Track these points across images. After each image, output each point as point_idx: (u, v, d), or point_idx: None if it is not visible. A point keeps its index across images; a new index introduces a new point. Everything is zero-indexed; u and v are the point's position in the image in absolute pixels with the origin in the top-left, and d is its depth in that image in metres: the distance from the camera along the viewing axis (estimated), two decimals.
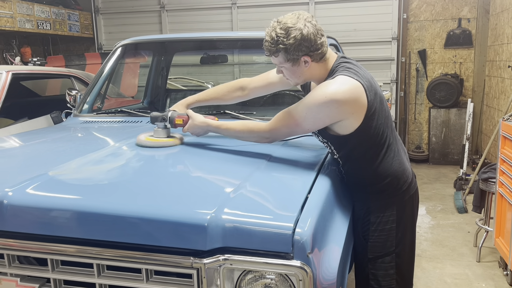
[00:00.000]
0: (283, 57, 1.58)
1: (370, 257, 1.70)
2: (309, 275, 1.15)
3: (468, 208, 4.32)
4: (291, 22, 1.55)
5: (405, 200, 1.72)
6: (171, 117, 1.90)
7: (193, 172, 1.65)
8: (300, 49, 1.55)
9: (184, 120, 1.89)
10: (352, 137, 1.59)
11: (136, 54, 3.62)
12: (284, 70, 1.65)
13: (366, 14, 6.08)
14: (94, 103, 2.75)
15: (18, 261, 1.35)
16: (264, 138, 1.73)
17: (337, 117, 1.56)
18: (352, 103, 1.53)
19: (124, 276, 1.27)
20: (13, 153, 2.00)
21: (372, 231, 1.68)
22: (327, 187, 1.52)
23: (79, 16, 7.12)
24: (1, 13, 5.57)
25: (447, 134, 6.28)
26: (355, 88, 1.54)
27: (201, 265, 1.18)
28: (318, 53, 1.59)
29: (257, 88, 2.03)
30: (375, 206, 1.68)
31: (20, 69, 4.06)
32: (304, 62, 1.59)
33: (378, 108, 1.60)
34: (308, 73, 1.64)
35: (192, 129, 1.89)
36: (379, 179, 1.66)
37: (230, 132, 1.81)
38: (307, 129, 1.62)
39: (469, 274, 3.15)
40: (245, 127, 1.77)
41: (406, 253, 1.77)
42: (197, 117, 1.88)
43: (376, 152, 1.63)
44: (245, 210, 1.26)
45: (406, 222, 1.74)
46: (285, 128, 1.65)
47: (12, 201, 1.31)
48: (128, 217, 1.24)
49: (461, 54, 6.38)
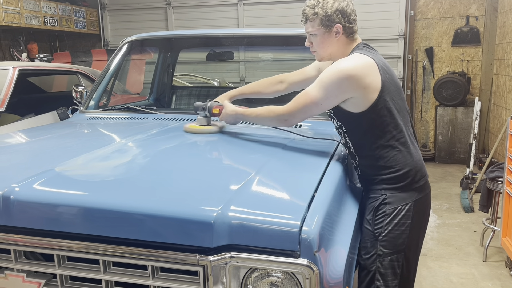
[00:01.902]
0: (319, 21, 1.69)
1: (379, 254, 1.64)
2: (316, 273, 1.14)
3: (474, 207, 4.30)
4: None
5: (422, 197, 1.69)
6: (210, 106, 2.05)
7: (199, 169, 1.64)
8: (336, 16, 1.68)
9: (220, 110, 2.04)
10: (365, 116, 1.62)
11: (142, 51, 3.62)
12: (315, 38, 1.74)
13: (373, 12, 6.04)
14: (100, 99, 2.75)
15: (24, 256, 1.35)
16: (283, 120, 1.78)
17: (348, 90, 1.60)
18: (363, 78, 1.58)
19: (130, 273, 1.27)
20: (19, 149, 2.00)
21: (387, 224, 1.63)
22: (334, 185, 1.50)
23: (85, 13, 7.14)
24: (8, 9, 5.59)
25: (454, 132, 6.24)
26: (367, 63, 1.61)
27: (207, 262, 1.17)
28: (350, 27, 1.71)
29: (295, 82, 2.11)
30: (392, 197, 1.64)
31: (26, 65, 4.07)
32: (335, 32, 1.70)
33: (393, 94, 1.63)
34: (335, 46, 1.73)
35: (225, 117, 2.01)
36: (398, 167, 1.64)
37: (254, 118, 1.90)
38: (321, 105, 1.66)
39: (475, 273, 3.13)
40: (266, 111, 1.83)
41: (414, 256, 1.72)
42: (229, 106, 2.01)
43: (394, 137, 1.63)
44: (251, 207, 1.25)
45: (421, 221, 1.71)
46: (302, 107, 1.70)
47: (19, 197, 1.31)
48: (135, 213, 1.24)
49: (469, 52, 6.33)
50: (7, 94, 3.42)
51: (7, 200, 1.30)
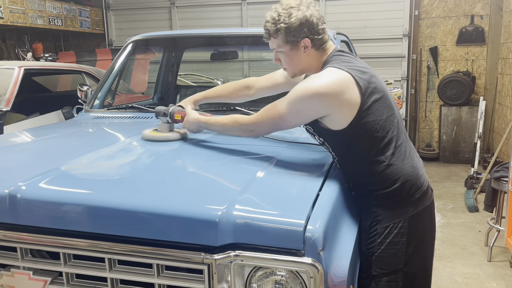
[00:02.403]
0: (283, 39, 1.53)
1: (374, 274, 1.51)
2: (320, 272, 1.15)
3: (479, 207, 4.28)
4: (295, 3, 1.53)
5: (418, 212, 1.53)
6: (171, 112, 1.94)
7: (204, 168, 1.64)
8: (301, 30, 1.51)
9: (182, 116, 1.92)
10: (346, 133, 1.48)
11: (147, 50, 3.64)
12: (282, 55, 1.59)
13: (377, 11, 6.03)
14: (105, 98, 2.77)
15: (30, 254, 1.36)
16: (249, 131, 1.66)
17: (321, 110, 1.47)
18: (337, 96, 1.43)
19: (136, 271, 1.28)
20: (25, 148, 2.02)
21: (379, 244, 1.50)
22: (338, 185, 1.51)
23: (90, 12, 7.16)
24: (14, 9, 5.62)
25: (458, 132, 6.21)
26: (342, 79, 1.45)
27: (212, 260, 1.18)
28: (319, 39, 1.54)
29: (263, 88, 2.00)
30: (383, 214, 1.51)
31: (32, 64, 4.10)
32: (303, 47, 1.54)
33: (379, 104, 1.48)
34: (306, 62, 1.58)
35: (187, 125, 1.89)
36: (388, 183, 1.50)
37: (218, 127, 1.79)
38: (290, 122, 1.55)
39: (480, 273, 3.12)
40: (231, 120, 1.71)
41: (418, 274, 1.58)
42: (191, 114, 1.88)
43: (380, 151, 1.49)
44: (256, 206, 1.25)
45: (420, 237, 1.55)
46: (269, 121, 1.58)
47: (25, 195, 1.32)
48: (140, 212, 1.25)
49: (474, 51, 6.30)
50: (13, 94, 3.44)
51: (13, 199, 1.31)
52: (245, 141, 1.84)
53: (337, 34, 2.63)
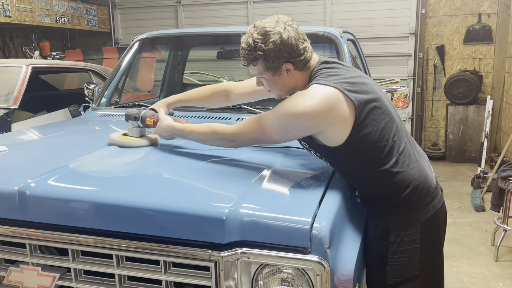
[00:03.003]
0: (263, 66, 1.45)
1: (389, 284, 1.47)
2: (327, 270, 1.15)
3: (486, 206, 4.26)
4: (270, 26, 1.42)
5: (431, 215, 1.48)
6: (143, 116, 1.82)
7: (208, 169, 1.63)
8: (280, 55, 1.42)
9: (155, 121, 1.81)
10: (344, 148, 1.39)
11: (153, 49, 3.65)
12: (265, 81, 1.51)
13: (384, 9, 6.01)
14: (111, 97, 2.78)
15: (39, 250, 1.38)
16: (229, 142, 1.57)
17: (309, 130, 1.40)
18: (325, 114, 1.35)
19: (143, 268, 1.29)
20: (33, 145, 2.03)
21: (392, 253, 1.45)
22: (344, 185, 1.51)
23: (96, 11, 7.19)
24: (21, 7, 5.66)
25: (465, 131, 6.18)
26: (330, 97, 1.36)
27: (219, 258, 1.19)
28: (301, 60, 1.45)
29: (241, 95, 1.90)
30: (394, 223, 1.45)
31: (39, 63, 4.13)
32: (286, 70, 1.45)
33: (375, 113, 1.40)
34: (292, 83, 1.49)
35: (159, 131, 1.77)
36: (396, 192, 1.43)
37: (194, 135, 1.67)
38: (274, 139, 1.47)
39: (486, 273, 3.11)
40: (210, 129, 1.61)
41: (433, 277, 1.54)
42: (164, 120, 1.76)
43: (383, 161, 1.40)
44: (263, 204, 1.26)
45: (433, 241, 1.51)
46: (252, 135, 1.50)
47: (34, 192, 1.33)
48: (147, 209, 1.26)
49: (481, 50, 6.26)
50: (21, 92, 3.47)
51: (22, 196, 1.33)
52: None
53: (343, 32, 2.63)
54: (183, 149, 1.84)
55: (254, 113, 2.33)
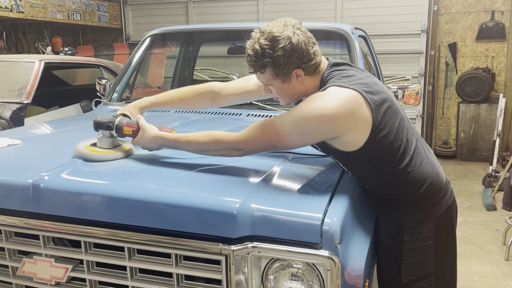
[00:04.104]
0: (271, 73, 1.36)
1: (404, 282, 1.46)
2: (337, 265, 1.15)
3: (497, 205, 4.22)
4: (277, 30, 1.33)
5: (443, 212, 1.47)
6: (119, 125, 1.58)
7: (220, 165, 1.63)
8: (291, 62, 1.34)
9: (134, 130, 1.58)
10: (362, 152, 1.35)
11: (164, 45, 3.66)
12: (273, 88, 1.43)
13: (395, 6, 5.96)
14: (123, 92, 2.80)
15: (53, 242, 1.40)
16: (235, 151, 1.44)
17: (330, 133, 1.34)
18: (348, 117, 1.30)
19: (154, 260, 1.30)
20: (47, 139, 2.06)
21: (407, 251, 1.44)
22: (354, 182, 1.50)
23: (108, 7, 7.24)
24: (34, 3, 5.71)
25: (477, 129, 6.12)
26: (351, 99, 1.31)
27: (229, 251, 1.19)
28: (311, 65, 1.38)
29: (231, 96, 1.75)
30: (408, 221, 1.44)
31: (51, 58, 4.16)
32: (296, 76, 1.38)
33: (389, 113, 1.37)
34: (302, 89, 1.43)
35: (143, 142, 1.57)
36: (411, 190, 1.42)
37: (192, 146, 1.50)
38: (291, 145, 1.38)
39: (496, 272, 3.08)
40: (212, 138, 1.45)
41: (447, 274, 1.53)
42: (150, 130, 1.55)
43: (399, 161, 1.39)
44: (273, 199, 1.27)
45: (447, 237, 1.51)
46: (264, 141, 1.39)
47: (48, 185, 1.35)
48: (159, 203, 1.27)
49: (494, 47, 6.19)
50: (33, 87, 3.51)
51: (37, 188, 1.35)
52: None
53: (355, 29, 2.61)
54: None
55: (264, 109, 2.33)
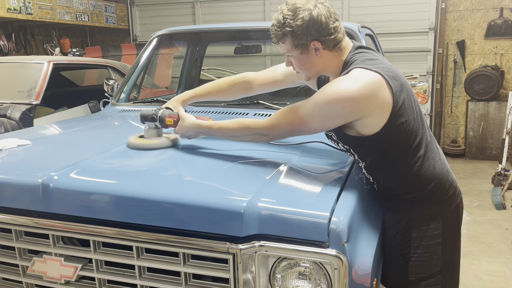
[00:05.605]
0: (291, 43, 1.42)
1: (411, 280, 1.47)
2: (345, 264, 1.15)
3: (506, 204, 4.18)
4: (301, 2, 1.41)
5: (451, 210, 1.48)
6: (161, 116, 1.74)
7: (228, 164, 1.64)
8: (309, 32, 1.39)
9: (175, 121, 1.72)
10: (379, 137, 1.37)
11: (171, 45, 3.67)
12: (293, 60, 1.48)
13: (402, 4, 5.92)
14: (130, 92, 2.82)
15: (62, 241, 1.42)
16: (263, 136, 1.52)
17: (351, 116, 1.36)
18: (369, 99, 1.32)
19: (162, 259, 1.31)
20: (55, 140, 2.08)
21: (415, 248, 1.45)
22: (361, 181, 1.50)
23: (115, 8, 7.28)
24: (42, 5, 5.76)
25: (486, 128, 6.07)
26: (373, 81, 1.33)
27: (237, 250, 1.20)
28: (331, 39, 1.41)
29: (262, 86, 1.87)
30: (417, 218, 1.44)
31: (60, 59, 4.20)
32: (314, 49, 1.42)
33: (407, 102, 1.38)
34: (320, 64, 1.46)
35: (182, 131, 1.70)
36: (422, 185, 1.43)
37: (223, 132, 1.61)
38: (313, 128, 1.41)
39: (506, 271, 3.06)
40: (241, 125, 1.55)
41: (454, 276, 1.54)
42: (188, 118, 1.69)
43: (413, 153, 1.40)
44: (281, 198, 1.27)
45: (454, 237, 1.51)
46: (288, 126, 1.44)
47: (58, 185, 1.36)
48: (167, 202, 1.28)
49: (503, 45, 6.12)
50: (42, 87, 3.54)
51: (46, 188, 1.36)
52: (245, 146, 1.72)
53: (361, 27, 2.61)
54: (202, 147, 1.84)
55: (271, 108, 2.33)
